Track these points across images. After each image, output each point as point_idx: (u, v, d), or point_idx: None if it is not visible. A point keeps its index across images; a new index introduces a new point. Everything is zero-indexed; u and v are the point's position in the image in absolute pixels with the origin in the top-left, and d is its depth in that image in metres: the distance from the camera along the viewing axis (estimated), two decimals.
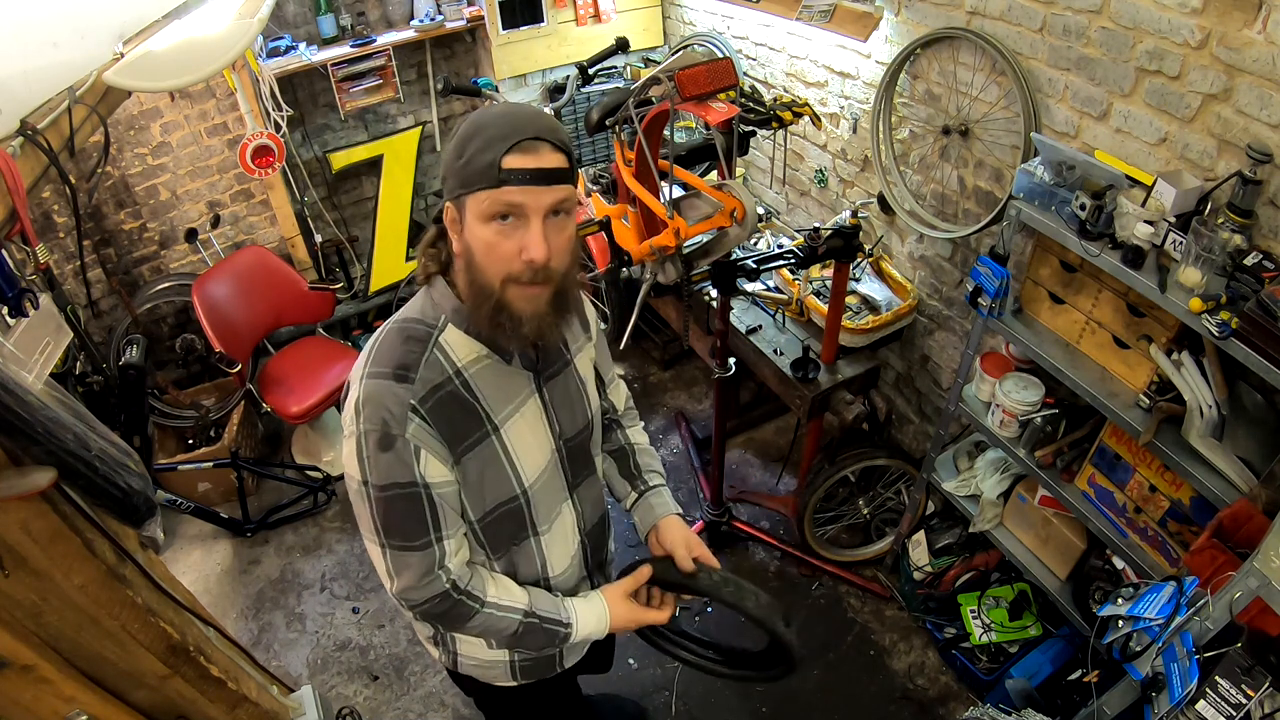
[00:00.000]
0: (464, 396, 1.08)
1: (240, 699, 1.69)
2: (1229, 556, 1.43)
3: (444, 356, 1.07)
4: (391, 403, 1.02)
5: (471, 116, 1.00)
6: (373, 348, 1.08)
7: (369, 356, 1.07)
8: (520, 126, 0.96)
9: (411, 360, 1.05)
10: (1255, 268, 1.40)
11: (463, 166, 0.96)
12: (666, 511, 1.35)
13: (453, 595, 1.10)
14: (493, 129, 0.96)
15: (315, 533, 3.07)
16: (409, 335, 1.07)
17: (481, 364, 1.10)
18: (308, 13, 3.24)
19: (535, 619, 1.17)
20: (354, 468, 1.04)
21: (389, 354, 1.06)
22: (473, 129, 0.97)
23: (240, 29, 2.02)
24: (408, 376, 1.04)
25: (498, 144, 0.95)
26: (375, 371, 1.05)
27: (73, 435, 1.18)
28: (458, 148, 0.98)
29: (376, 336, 1.10)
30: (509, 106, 1.03)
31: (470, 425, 1.09)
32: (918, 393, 2.77)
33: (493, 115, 0.98)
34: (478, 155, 0.95)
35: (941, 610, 2.48)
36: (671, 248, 2.05)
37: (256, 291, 3.17)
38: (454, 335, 1.09)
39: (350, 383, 1.09)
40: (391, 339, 1.08)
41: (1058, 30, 1.79)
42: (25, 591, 1.18)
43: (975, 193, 2.21)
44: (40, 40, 1.58)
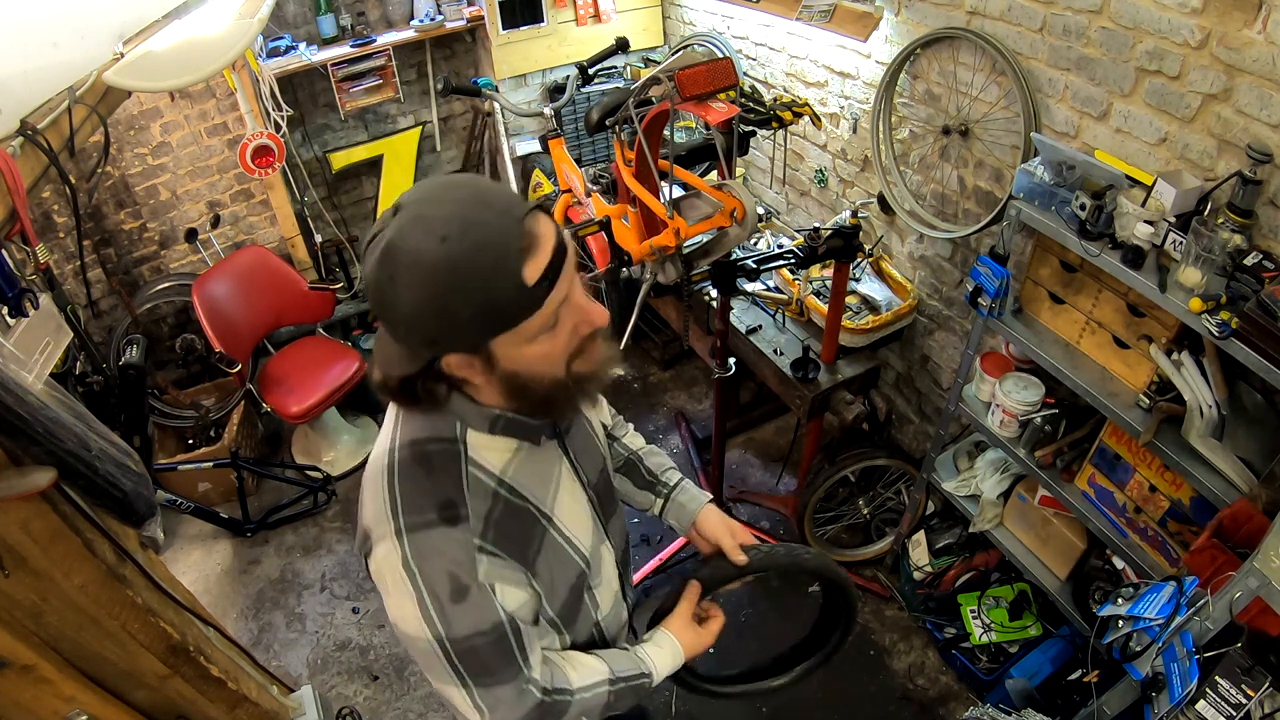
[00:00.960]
0: (516, 505, 0.95)
1: (240, 699, 1.69)
2: (1229, 556, 1.43)
3: (481, 472, 0.93)
4: (454, 551, 0.88)
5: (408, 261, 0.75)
6: (391, 489, 0.90)
7: (394, 502, 0.89)
8: (502, 227, 0.77)
9: (453, 493, 0.90)
10: (1255, 268, 1.40)
11: (471, 318, 0.77)
12: (700, 504, 1.30)
13: (546, 700, 1.00)
14: (475, 258, 0.75)
15: (315, 533, 3.07)
16: (434, 464, 0.91)
17: (517, 461, 0.96)
18: (308, 13, 3.24)
19: (621, 683, 1.10)
20: (418, 628, 0.89)
21: (421, 493, 0.89)
22: (443, 275, 0.74)
23: (240, 29, 2.02)
24: (459, 515, 0.89)
25: (507, 263, 0.76)
26: (416, 521, 0.88)
27: (73, 435, 1.18)
28: (439, 306, 0.76)
29: (385, 474, 0.91)
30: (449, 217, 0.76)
31: (530, 530, 0.98)
32: (918, 393, 2.77)
33: (451, 243, 0.74)
34: (491, 292, 0.76)
35: (941, 610, 2.48)
36: (671, 248, 2.05)
37: (256, 291, 3.17)
38: (480, 441, 0.93)
39: (375, 536, 0.90)
40: (412, 474, 0.91)
41: (1058, 30, 1.79)
42: (25, 591, 1.18)
43: (975, 193, 2.21)
44: (40, 40, 1.58)
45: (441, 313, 0.77)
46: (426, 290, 0.75)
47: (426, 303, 0.76)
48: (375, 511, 0.91)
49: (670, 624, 1.19)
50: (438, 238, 0.75)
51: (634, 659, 1.13)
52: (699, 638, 1.19)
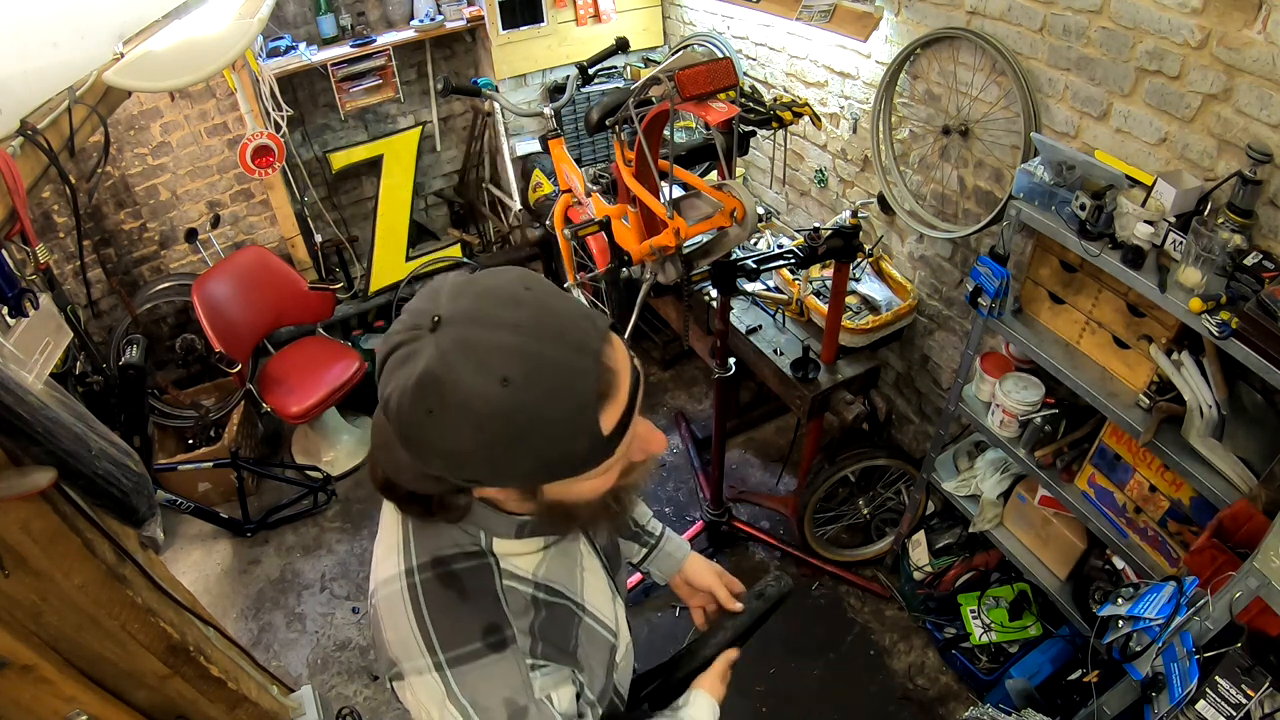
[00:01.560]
0: (554, 605, 0.88)
1: (240, 699, 1.69)
2: (1229, 556, 1.43)
3: (516, 581, 0.84)
4: (507, 678, 0.79)
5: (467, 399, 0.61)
6: (421, 619, 0.79)
7: (425, 635, 0.78)
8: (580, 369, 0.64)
9: (495, 615, 0.80)
10: (1255, 268, 1.40)
11: (537, 468, 0.68)
12: (685, 554, 1.29)
13: None
14: (548, 409, 0.63)
15: (315, 533, 3.07)
16: (466, 585, 0.81)
17: (547, 559, 0.89)
18: (308, 13, 3.24)
19: None
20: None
21: (459, 621, 0.79)
22: (508, 424, 0.62)
23: (240, 29, 2.02)
24: (504, 638, 0.80)
25: (580, 418, 0.65)
26: (460, 654, 0.78)
27: (73, 435, 1.18)
28: (496, 454, 0.65)
29: (409, 601, 0.80)
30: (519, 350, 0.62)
31: (569, 624, 0.91)
32: (918, 393, 2.77)
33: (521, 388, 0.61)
34: (559, 447, 0.66)
35: (941, 610, 2.48)
36: (671, 248, 2.04)
37: (256, 291, 3.17)
38: (508, 547, 0.85)
39: (409, 668, 0.78)
40: (443, 599, 0.80)
41: (1058, 30, 1.79)
42: (25, 591, 1.18)
43: (975, 193, 2.21)
44: (40, 40, 1.57)
45: (494, 462, 0.65)
46: (480, 437, 0.63)
47: (477, 450, 0.64)
48: (403, 642, 0.79)
49: (703, 683, 1.14)
50: (497, 378, 0.61)
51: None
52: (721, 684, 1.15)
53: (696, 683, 1.15)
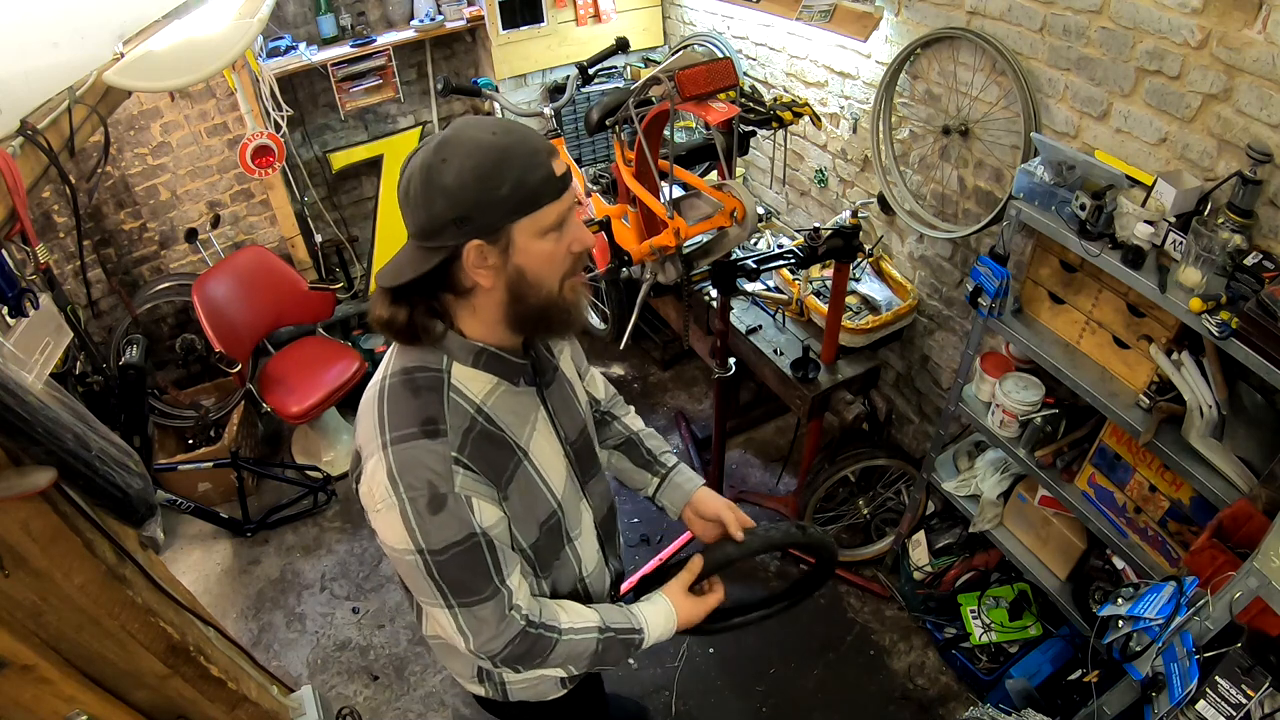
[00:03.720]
0: (491, 431, 1.05)
1: (240, 699, 1.69)
2: (1229, 556, 1.43)
3: (461, 398, 1.03)
4: (432, 461, 0.98)
5: (463, 145, 0.92)
6: (380, 411, 1.01)
7: (380, 422, 1.00)
8: (534, 137, 0.95)
9: (435, 411, 1.00)
10: (1255, 268, 1.40)
11: (511, 193, 0.91)
12: (696, 485, 1.36)
13: (530, 632, 1.08)
14: (520, 147, 0.92)
15: (315, 533, 3.07)
16: (419, 386, 1.02)
17: (496, 394, 1.07)
18: (308, 13, 3.24)
19: (611, 633, 1.16)
20: (401, 539, 0.98)
21: (406, 412, 1.00)
22: (494, 154, 0.91)
23: (240, 29, 2.02)
24: (438, 430, 0.99)
25: (540, 157, 0.93)
26: (400, 435, 0.99)
27: (73, 435, 1.18)
28: (492, 178, 0.91)
29: (377, 398, 1.03)
30: (495, 124, 0.96)
31: (504, 457, 1.07)
32: (918, 393, 2.77)
33: (501, 136, 0.93)
34: (526, 175, 0.92)
35: (941, 610, 2.48)
36: (671, 248, 2.05)
37: (256, 291, 3.17)
38: (463, 373, 1.05)
39: (365, 454, 1.01)
40: (400, 396, 1.01)
41: (1058, 30, 1.79)
42: (25, 591, 1.18)
43: (975, 193, 2.21)
44: (40, 40, 1.57)
45: (484, 182, 0.90)
46: (474, 163, 0.90)
47: (473, 174, 0.90)
48: (366, 431, 1.02)
49: (668, 589, 1.25)
50: (489, 131, 0.93)
51: (627, 614, 1.20)
52: (694, 607, 1.25)
53: (663, 588, 1.26)
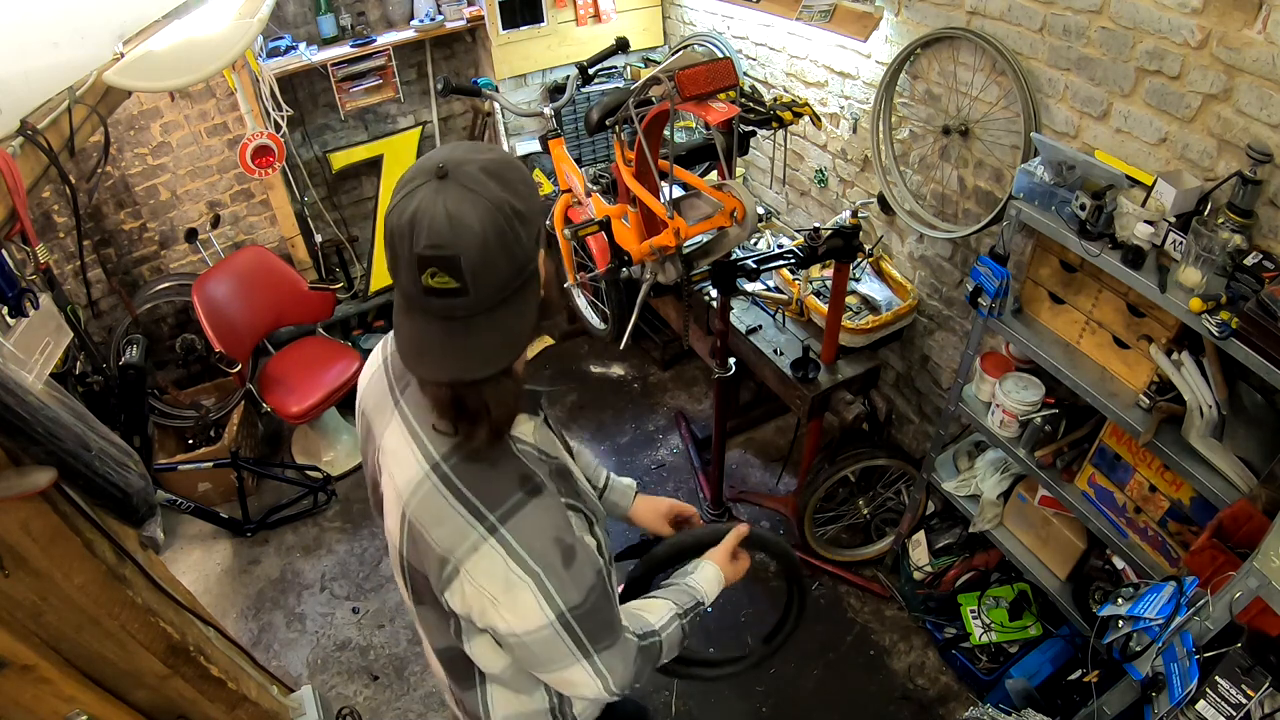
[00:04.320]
0: (553, 462, 1.01)
1: (240, 699, 1.69)
2: (1229, 556, 1.43)
3: (524, 445, 0.97)
4: (551, 517, 0.91)
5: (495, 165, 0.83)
6: (462, 498, 0.89)
7: (473, 508, 0.89)
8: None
9: (521, 468, 0.93)
10: (1255, 268, 1.40)
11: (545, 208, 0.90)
12: (630, 499, 1.41)
13: (642, 645, 1.07)
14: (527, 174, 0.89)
15: (315, 533, 3.07)
16: (489, 454, 0.92)
17: (536, 431, 1.02)
18: (308, 13, 3.24)
19: (686, 613, 1.17)
20: (538, 615, 0.89)
21: (497, 483, 0.90)
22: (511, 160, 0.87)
23: (240, 29, 2.02)
24: (539, 485, 0.92)
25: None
26: (508, 509, 0.88)
27: (73, 435, 1.18)
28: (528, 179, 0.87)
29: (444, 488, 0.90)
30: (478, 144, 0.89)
31: (572, 480, 1.04)
32: (918, 393, 2.77)
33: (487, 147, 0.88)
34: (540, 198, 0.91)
35: (941, 610, 2.48)
36: (671, 248, 2.04)
37: (256, 291, 3.17)
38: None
39: (462, 553, 0.88)
40: (476, 473, 0.91)
41: (1058, 30, 1.79)
42: (25, 591, 1.18)
43: (975, 193, 2.21)
44: (40, 40, 1.57)
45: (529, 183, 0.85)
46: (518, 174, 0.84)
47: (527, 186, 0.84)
48: (453, 527, 0.88)
49: (714, 555, 1.27)
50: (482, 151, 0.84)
51: (686, 590, 1.20)
52: (736, 570, 1.28)
53: (708, 554, 1.28)
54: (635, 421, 3.45)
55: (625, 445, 3.35)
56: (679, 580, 1.23)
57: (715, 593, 1.24)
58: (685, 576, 1.24)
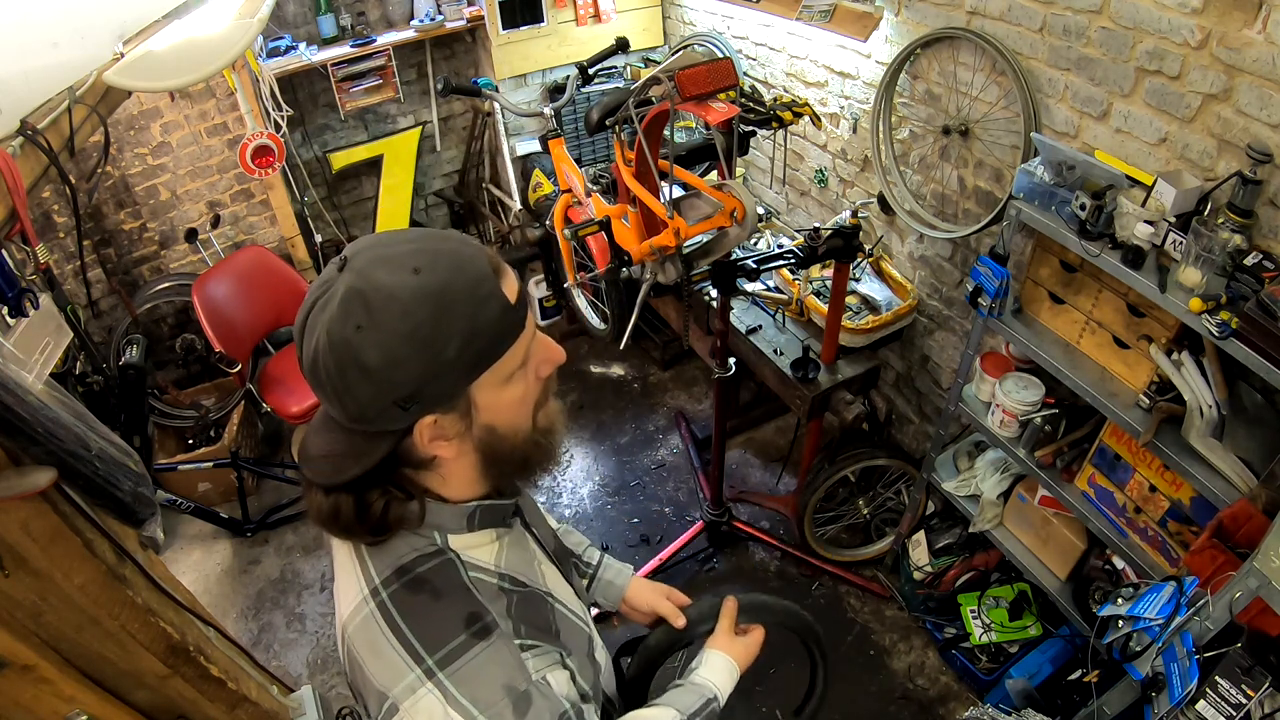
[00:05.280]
0: (521, 592, 0.89)
1: (240, 699, 1.68)
2: (1229, 556, 1.43)
3: (481, 572, 0.85)
4: (500, 663, 0.78)
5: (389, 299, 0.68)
6: (399, 633, 0.78)
7: (407, 646, 0.77)
8: (469, 254, 0.72)
9: (469, 603, 0.80)
10: (1255, 268, 1.40)
11: (460, 350, 0.70)
12: (626, 578, 1.27)
13: None
14: (458, 279, 0.70)
15: (315, 533, 3.07)
16: (433, 584, 0.80)
17: (502, 549, 0.90)
18: (308, 13, 3.24)
19: (694, 716, 1.03)
20: None
21: (437, 622, 0.78)
22: (431, 307, 0.68)
23: (240, 29, 2.02)
24: (487, 624, 0.79)
25: (488, 286, 0.71)
26: (448, 653, 0.76)
27: (73, 435, 1.18)
28: (426, 342, 0.68)
29: (382, 624, 0.79)
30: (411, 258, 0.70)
31: (544, 609, 0.91)
32: (918, 393, 2.76)
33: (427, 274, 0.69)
34: (477, 320, 0.71)
35: (941, 610, 2.48)
36: (671, 248, 2.04)
37: (256, 291, 3.17)
38: (463, 542, 0.86)
39: (399, 692, 0.76)
40: (416, 606, 0.79)
41: (1058, 30, 1.79)
42: (25, 591, 1.18)
43: (975, 193, 2.21)
44: (40, 40, 1.57)
45: (425, 350, 0.69)
46: (406, 328, 0.67)
47: (407, 343, 0.68)
48: (388, 664, 0.77)
49: (716, 642, 1.14)
50: (409, 270, 0.68)
51: (693, 690, 1.06)
52: (747, 648, 1.14)
53: (710, 643, 1.13)
54: (635, 421, 3.45)
55: (625, 445, 3.35)
56: (684, 679, 1.09)
57: (729, 682, 1.09)
58: (690, 673, 1.10)
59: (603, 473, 3.24)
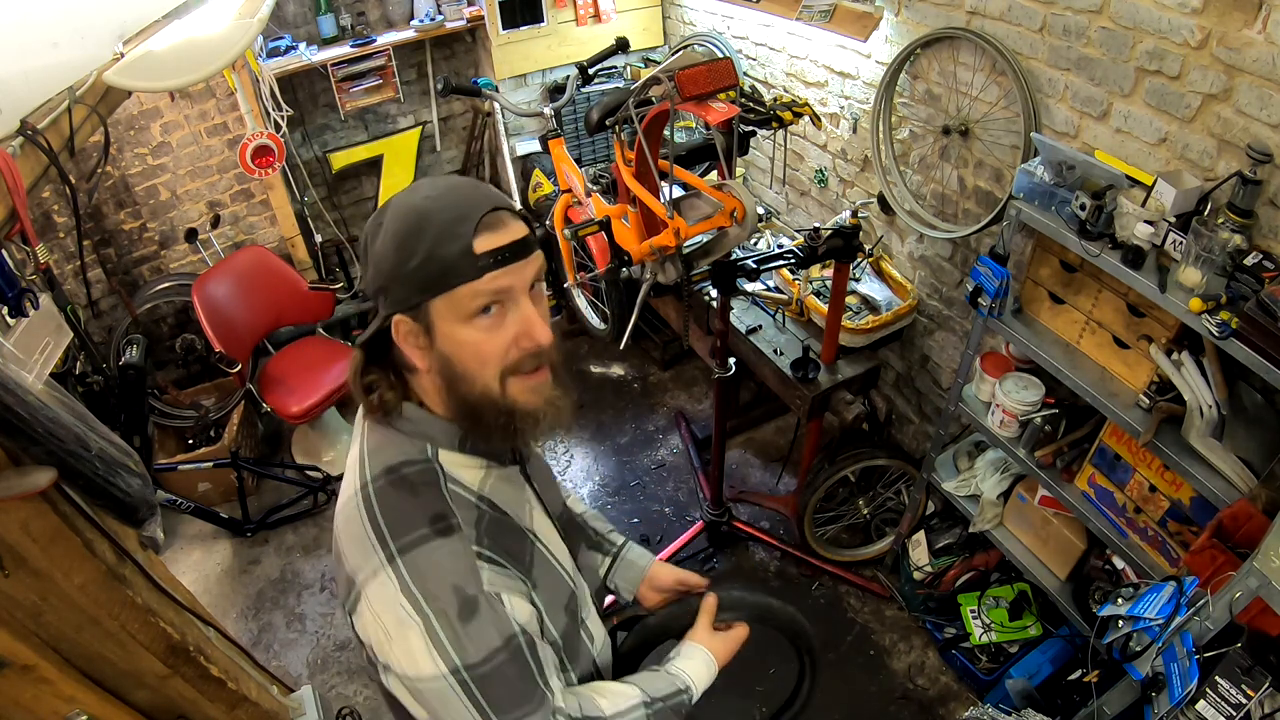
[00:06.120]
0: (499, 516, 0.94)
1: (240, 699, 1.69)
2: (1229, 556, 1.43)
3: (461, 488, 0.92)
4: (453, 562, 0.85)
5: (395, 207, 0.85)
6: (371, 522, 0.86)
7: (377, 533, 0.85)
8: (475, 201, 0.84)
9: (440, 505, 0.88)
10: (1255, 268, 1.40)
11: (418, 267, 0.81)
12: (650, 560, 1.29)
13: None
14: (444, 213, 0.82)
15: (315, 532, 3.07)
16: (413, 484, 0.89)
17: (490, 478, 0.96)
18: (308, 13, 3.24)
19: (659, 703, 1.05)
20: (428, 664, 0.82)
21: (407, 513, 0.86)
22: (413, 219, 0.82)
23: (240, 29, 2.02)
24: (451, 525, 0.87)
25: (460, 227, 0.81)
26: (408, 541, 0.84)
27: (73, 435, 1.18)
28: (400, 247, 0.82)
29: (361, 509, 0.88)
30: (441, 185, 0.87)
31: (520, 542, 0.96)
32: (918, 393, 2.76)
33: (432, 199, 0.84)
34: (438, 248, 0.81)
35: (941, 610, 2.48)
36: (671, 248, 2.04)
37: (256, 291, 3.17)
38: (452, 459, 0.93)
39: (362, 579, 0.85)
40: (393, 498, 0.88)
41: (1058, 30, 1.79)
42: (25, 591, 1.18)
43: (975, 193, 2.21)
44: (40, 40, 1.57)
45: (398, 251, 0.83)
46: (394, 229, 0.83)
47: (391, 241, 0.83)
48: (358, 551, 0.86)
49: (695, 635, 1.15)
50: (423, 195, 0.85)
51: (667, 676, 1.08)
52: (727, 644, 1.16)
53: (689, 636, 1.16)
54: (635, 421, 3.45)
55: (625, 445, 3.35)
56: (662, 665, 1.12)
57: (705, 676, 1.12)
58: (667, 662, 1.13)
59: (603, 473, 3.24)
